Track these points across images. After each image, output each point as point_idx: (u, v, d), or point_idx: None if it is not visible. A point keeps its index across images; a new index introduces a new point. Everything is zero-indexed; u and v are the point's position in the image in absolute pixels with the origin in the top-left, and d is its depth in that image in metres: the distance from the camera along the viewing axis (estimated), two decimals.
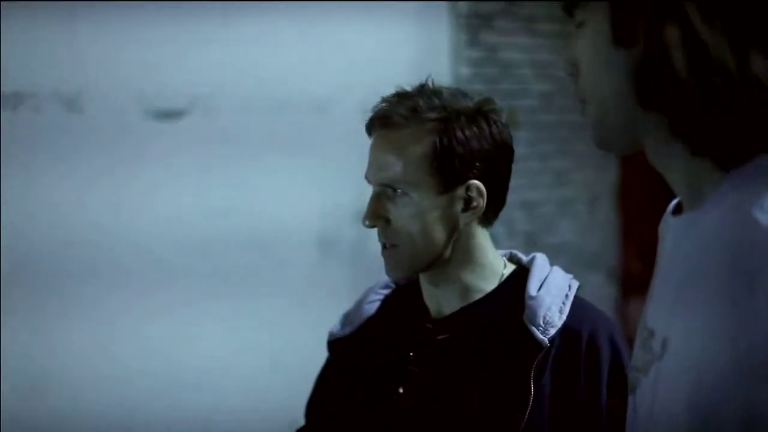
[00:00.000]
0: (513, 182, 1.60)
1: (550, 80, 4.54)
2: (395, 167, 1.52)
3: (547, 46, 4.55)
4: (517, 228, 4.27)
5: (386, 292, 1.71)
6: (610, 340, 1.55)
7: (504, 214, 1.62)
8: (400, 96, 1.55)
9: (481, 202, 1.54)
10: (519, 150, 1.62)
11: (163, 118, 3.35)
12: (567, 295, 1.57)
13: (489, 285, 1.59)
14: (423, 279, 1.62)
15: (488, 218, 1.58)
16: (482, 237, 1.59)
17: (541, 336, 1.51)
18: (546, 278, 1.58)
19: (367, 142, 1.60)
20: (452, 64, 4.23)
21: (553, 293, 1.56)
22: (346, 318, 1.71)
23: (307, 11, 3.66)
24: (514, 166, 1.61)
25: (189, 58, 3.39)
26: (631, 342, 1.22)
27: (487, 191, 1.54)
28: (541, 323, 1.52)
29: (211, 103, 3.45)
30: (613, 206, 4.90)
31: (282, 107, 3.59)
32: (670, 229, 1.11)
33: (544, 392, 1.51)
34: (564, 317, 1.54)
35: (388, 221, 1.55)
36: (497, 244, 1.64)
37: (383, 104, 1.55)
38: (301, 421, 1.76)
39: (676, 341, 1.05)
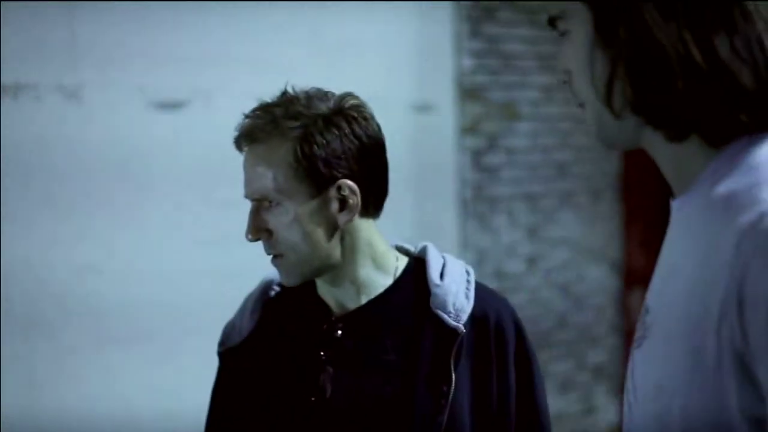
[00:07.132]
0: (514, 174, 1.59)
1: (552, 72, 4.53)
2: (264, 180, 1.56)
3: (549, 38, 4.53)
4: (518, 220, 4.25)
5: (271, 294, 1.72)
6: (514, 322, 1.62)
7: (505, 206, 1.61)
8: (261, 109, 1.58)
9: (356, 200, 1.56)
10: (521, 142, 1.62)
11: (163, 109, 3.35)
12: (468, 281, 1.62)
13: (386, 278, 1.62)
14: (320, 279, 1.63)
15: (370, 211, 1.61)
16: (368, 230, 1.61)
17: (454, 323, 1.56)
18: (445, 266, 1.63)
19: None
20: (454, 55, 4.22)
21: (457, 280, 1.60)
22: (233, 327, 1.70)
23: (309, 4, 3.65)
24: (516, 158, 1.61)
25: (190, 50, 3.39)
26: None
27: (360, 187, 1.56)
28: (452, 310, 1.57)
29: (211, 95, 3.44)
30: (615, 198, 4.89)
31: None
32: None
33: (462, 378, 1.56)
34: (472, 302, 1.59)
35: (270, 232, 1.58)
36: (497, 235, 1.64)
37: (246, 120, 1.58)
38: None
39: (656, 323, 1.10)
